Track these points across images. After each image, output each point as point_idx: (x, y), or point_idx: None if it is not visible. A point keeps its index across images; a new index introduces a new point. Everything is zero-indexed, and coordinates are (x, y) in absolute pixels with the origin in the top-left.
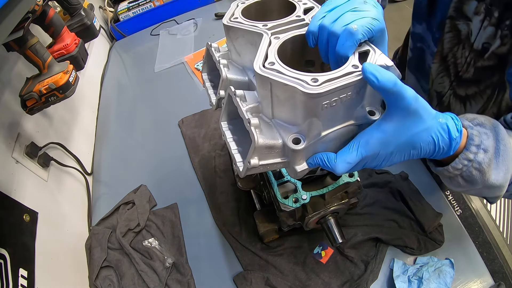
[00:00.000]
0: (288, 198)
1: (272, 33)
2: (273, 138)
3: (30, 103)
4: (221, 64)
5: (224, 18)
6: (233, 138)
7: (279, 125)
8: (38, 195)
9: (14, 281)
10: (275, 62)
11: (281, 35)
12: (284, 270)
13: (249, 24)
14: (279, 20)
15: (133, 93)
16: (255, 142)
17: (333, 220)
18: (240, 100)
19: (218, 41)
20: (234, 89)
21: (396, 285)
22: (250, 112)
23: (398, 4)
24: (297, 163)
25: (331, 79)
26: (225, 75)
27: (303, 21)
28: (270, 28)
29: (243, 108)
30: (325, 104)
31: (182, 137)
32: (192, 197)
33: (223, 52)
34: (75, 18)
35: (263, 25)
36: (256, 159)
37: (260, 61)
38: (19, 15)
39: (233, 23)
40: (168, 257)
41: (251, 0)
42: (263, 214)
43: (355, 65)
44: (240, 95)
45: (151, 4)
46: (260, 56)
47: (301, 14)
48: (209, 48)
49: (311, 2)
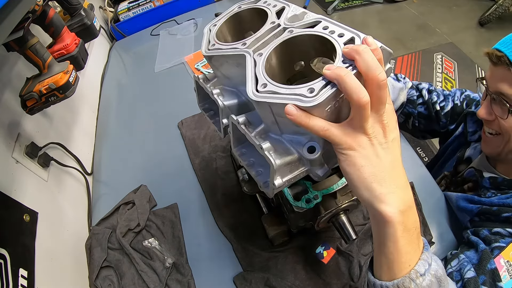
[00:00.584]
0: (300, 200)
1: (253, 51)
2: (289, 153)
3: (30, 103)
4: (215, 94)
5: (202, 49)
6: (250, 161)
7: (290, 139)
8: (38, 195)
9: (14, 281)
10: (267, 83)
11: (263, 50)
12: (284, 270)
13: (229, 48)
14: (256, 34)
15: (133, 93)
16: (273, 165)
17: (344, 218)
18: (245, 128)
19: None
20: (236, 118)
21: None
22: (258, 135)
23: (398, 4)
24: (318, 168)
25: (327, 83)
26: (222, 105)
27: (279, 26)
28: (249, 45)
29: (251, 134)
30: (327, 109)
31: (182, 138)
32: (192, 198)
33: (212, 80)
34: (75, 18)
35: (242, 44)
36: (279, 179)
37: (252, 86)
38: (19, 15)
39: (213, 52)
40: (168, 257)
41: (221, 21)
42: (271, 218)
43: (344, 60)
44: (244, 122)
45: (151, 4)
46: (250, 81)
47: (275, 19)
48: (197, 80)
49: (280, 2)
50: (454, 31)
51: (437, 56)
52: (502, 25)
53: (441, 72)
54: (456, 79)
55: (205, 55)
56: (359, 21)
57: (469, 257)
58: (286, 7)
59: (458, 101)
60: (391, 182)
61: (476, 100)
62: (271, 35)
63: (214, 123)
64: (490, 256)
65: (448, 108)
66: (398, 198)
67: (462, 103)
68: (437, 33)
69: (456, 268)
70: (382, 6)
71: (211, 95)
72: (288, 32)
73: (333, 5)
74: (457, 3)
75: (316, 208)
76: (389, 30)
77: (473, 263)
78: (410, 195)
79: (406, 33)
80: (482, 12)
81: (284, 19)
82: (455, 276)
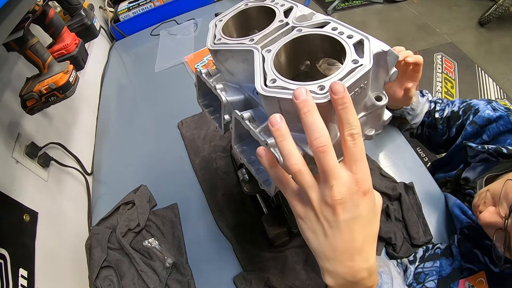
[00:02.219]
0: None
1: (261, 47)
2: None
3: (30, 103)
4: (218, 89)
5: (207, 42)
6: (251, 159)
7: (295, 137)
8: (38, 195)
9: (14, 281)
10: (276, 79)
11: (271, 46)
12: (284, 270)
13: (236, 43)
14: (264, 31)
15: (133, 93)
16: (279, 162)
17: None
18: (250, 123)
19: (207, 57)
20: (240, 113)
21: None
22: (263, 132)
23: (398, 4)
24: None
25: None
26: (225, 100)
27: (287, 25)
28: (257, 42)
29: (256, 130)
30: None
31: (182, 138)
32: (192, 198)
33: (215, 75)
34: (75, 18)
35: (249, 40)
36: None
37: (260, 81)
38: (19, 15)
39: (219, 46)
40: (168, 257)
41: (227, 16)
42: (271, 218)
43: (354, 60)
44: (249, 117)
45: (151, 4)
46: (259, 75)
47: (283, 17)
48: (200, 75)
49: (288, 2)
50: (454, 31)
51: (437, 56)
52: (502, 25)
53: (441, 72)
54: (456, 79)
55: (211, 49)
56: (359, 21)
57: (442, 267)
58: (294, 7)
59: (456, 108)
60: (338, 264)
61: (475, 108)
62: (279, 33)
63: (214, 119)
64: (459, 276)
65: (444, 114)
66: (341, 277)
67: (460, 109)
68: (437, 33)
69: (426, 271)
70: (382, 6)
71: (213, 90)
72: (297, 31)
73: (333, 5)
74: (457, 3)
75: None
76: (389, 30)
77: (441, 275)
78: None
79: (406, 33)
80: (482, 12)
81: (292, 18)
82: (421, 277)
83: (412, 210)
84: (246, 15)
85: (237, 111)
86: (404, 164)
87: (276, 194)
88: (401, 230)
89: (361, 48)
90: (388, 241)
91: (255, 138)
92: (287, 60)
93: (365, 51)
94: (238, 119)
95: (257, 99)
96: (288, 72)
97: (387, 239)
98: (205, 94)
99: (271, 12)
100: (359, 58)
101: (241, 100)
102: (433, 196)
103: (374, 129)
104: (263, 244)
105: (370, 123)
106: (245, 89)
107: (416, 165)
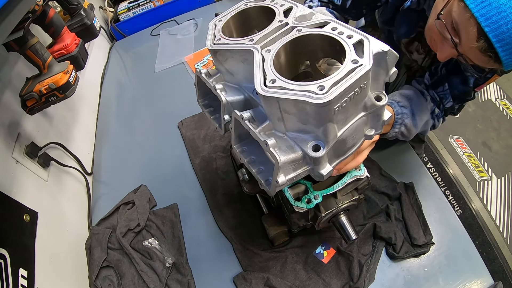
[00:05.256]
0: (301, 200)
1: (261, 47)
2: (293, 151)
3: (30, 103)
4: (218, 89)
5: (207, 42)
6: (251, 159)
7: (294, 137)
8: (38, 195)
9: (14, 281)
10: (276, 79)
11: (271, 46)
12: (284, 270)
13: (236, 43)
14: (264, 31)
15: (133, 93)
16: (278, 162)
17: (345, 218)
18: (249, 123)
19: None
20: (240, 113)
21: None
22: (263, 132)
23: None
24: (321, 168)
25: (337, 81)
26: (225, 100)
27: (287, 25)
28: (257, 42)
29: (256, 130)
30: (336, 107)
31: (182, 139)
32: (192, 198)
33: (215, 75)
34: (75, 18)
35: (249, 40)
36: (283, 176)
37: (260, 81)
38: (19, 15)
39: (219, 46)
40: (168, 257)
41: (226, 16)
42: (271, 218)
43: (354, 60)
44: (248, 117)
45: (151, 4)
46: (258, 76)
47: (283, 17)
48: (199, 75)
49: (288, 2)
50: None
51: None
52: None
53: None
54: None
55: (211, 49)
56: None
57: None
58: (294, 7)
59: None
60: None
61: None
62: (279, 33)
63: (214, 120)
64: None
65: None
66: None
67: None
68: None
69: (440, 95)
70: None
71: (213, 90)
72: (297, 31)
73: None
74: None
75: (316, 208)
76: None
77: (454, 94)
78: None
79: None
80: None
81: (292, 18)
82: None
83: (412, 210)
84: (246, 15)
85: (237, 111)
86: (404, 164)
87: (276, 194)
88: (401, 230)
89: (361, 48)
90: (388, 241)
91: (255, 138)
92: (287, 60)
93: (365, 51)
94: (238, 119)
95: (257, 99)
96: (288, 72)
97: (387, 239)
98: (205, 94)
99: (271, 12)
100: (359, 58)
101: (241, 100)
102: (433, 196)
103: (374, 129)
104: (263, 244)
105: (370, 123)
106: (245, 89)
107: (416, 165)
